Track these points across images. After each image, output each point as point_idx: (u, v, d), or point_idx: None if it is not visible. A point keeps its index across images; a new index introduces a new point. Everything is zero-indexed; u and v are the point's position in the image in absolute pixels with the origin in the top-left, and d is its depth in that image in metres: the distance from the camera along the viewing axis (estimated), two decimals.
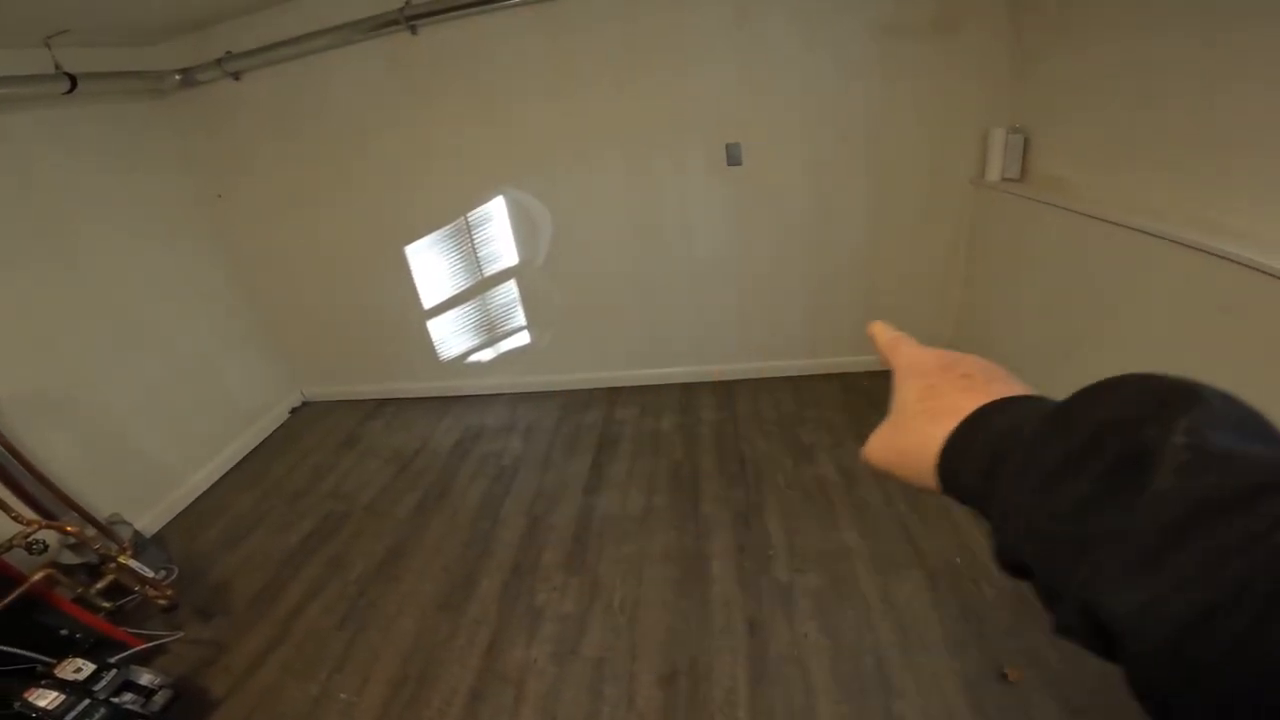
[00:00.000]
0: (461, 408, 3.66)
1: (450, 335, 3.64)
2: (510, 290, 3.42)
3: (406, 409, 3.76)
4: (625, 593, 2.19)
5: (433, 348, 3.70)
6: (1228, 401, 0.26)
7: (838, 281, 3.19)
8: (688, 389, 3.45)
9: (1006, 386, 0.35)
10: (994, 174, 2.76)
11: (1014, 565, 0.30)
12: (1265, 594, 0.19)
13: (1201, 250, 1.72)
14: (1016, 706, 1.67)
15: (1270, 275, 1.52)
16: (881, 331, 0.48)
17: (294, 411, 3.93)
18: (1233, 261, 1.62)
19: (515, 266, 3.35)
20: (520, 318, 3.50)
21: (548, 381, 3.65)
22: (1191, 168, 1.89)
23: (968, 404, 0.34)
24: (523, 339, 3.57)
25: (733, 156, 2.93)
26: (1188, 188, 1.91)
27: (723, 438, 2.99)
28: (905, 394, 0.40)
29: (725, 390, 3.39)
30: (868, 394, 3.19)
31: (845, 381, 3.33)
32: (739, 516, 2.48)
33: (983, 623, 1.92)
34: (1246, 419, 0.25)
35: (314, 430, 3.69)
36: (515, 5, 2.69)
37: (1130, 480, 0.24)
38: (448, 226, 3.29)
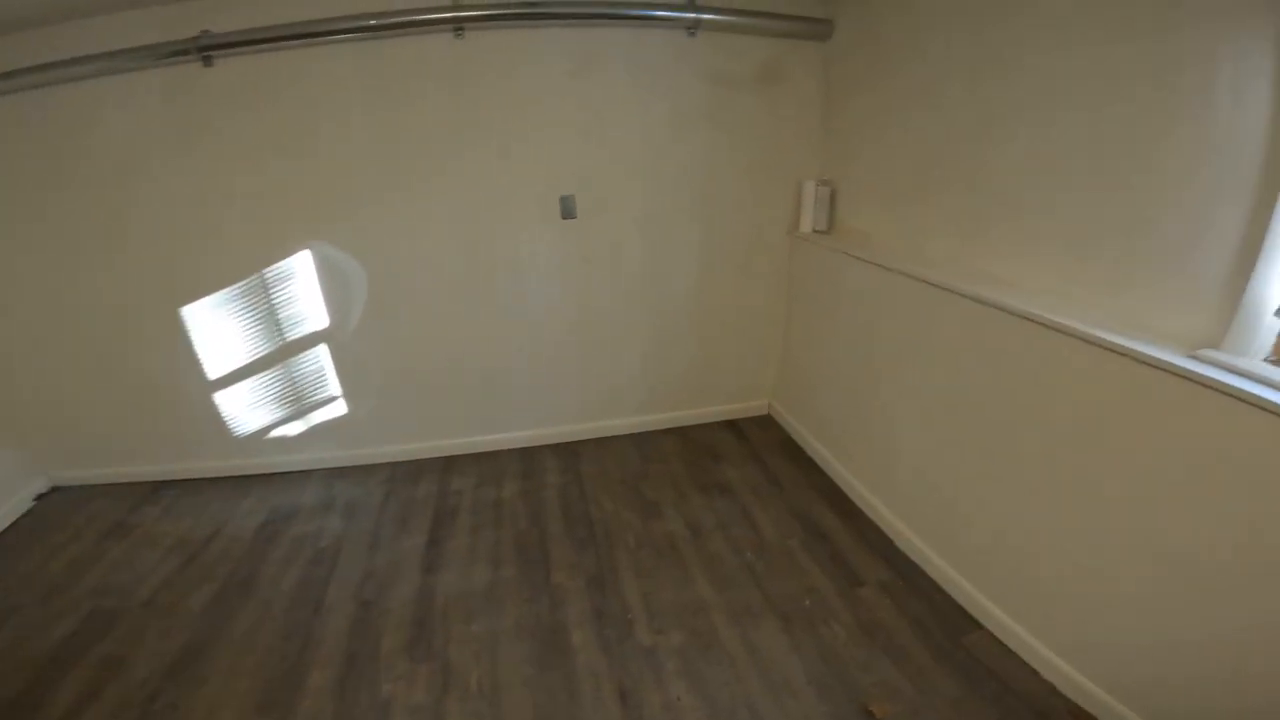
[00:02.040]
0: (266, 487, 3.22)
1: (247, 408, 3.21)
2: (319, 356, 3.11)
3: (194, 491, 3.23)
4: (481, 674, 2.03)
5: (224, 421, 3.22)
6: None
7: (672, 335, 3.31)
8: (528, 453, 3.35)
9: None
10: (806, 225, 3.07)
11: None
12: None
13: (975, 300, 2.02)
14: None
15: (1030, 320, 1.83)
16: None
17: (40, 499, 3.21)
18: (998, 308, 1.94)
19: (325, 330, 3.05)
20: (334, 386, 3.19)
21: (370, 454, 3.34)
22: (968, 223, 2.24)
23: None
24: (338, 409, 3.25)
25: (567, 209, 2.96)
26: (966, 240, 2.26)
27: (569, 501, 2.92)
28: None
29: (568, 451, 3.34)
30: (706, 446, 3.32)
31: (684, 435, 3.44)
32: (593, 582, 2.41)
33: (841, 661, 2.02)
34: None
35: (69, 519, 3.03)
36: (334, 41, 2.52)
37: None
38: (239, 284, 2.91)
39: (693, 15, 2.65)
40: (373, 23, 2.46)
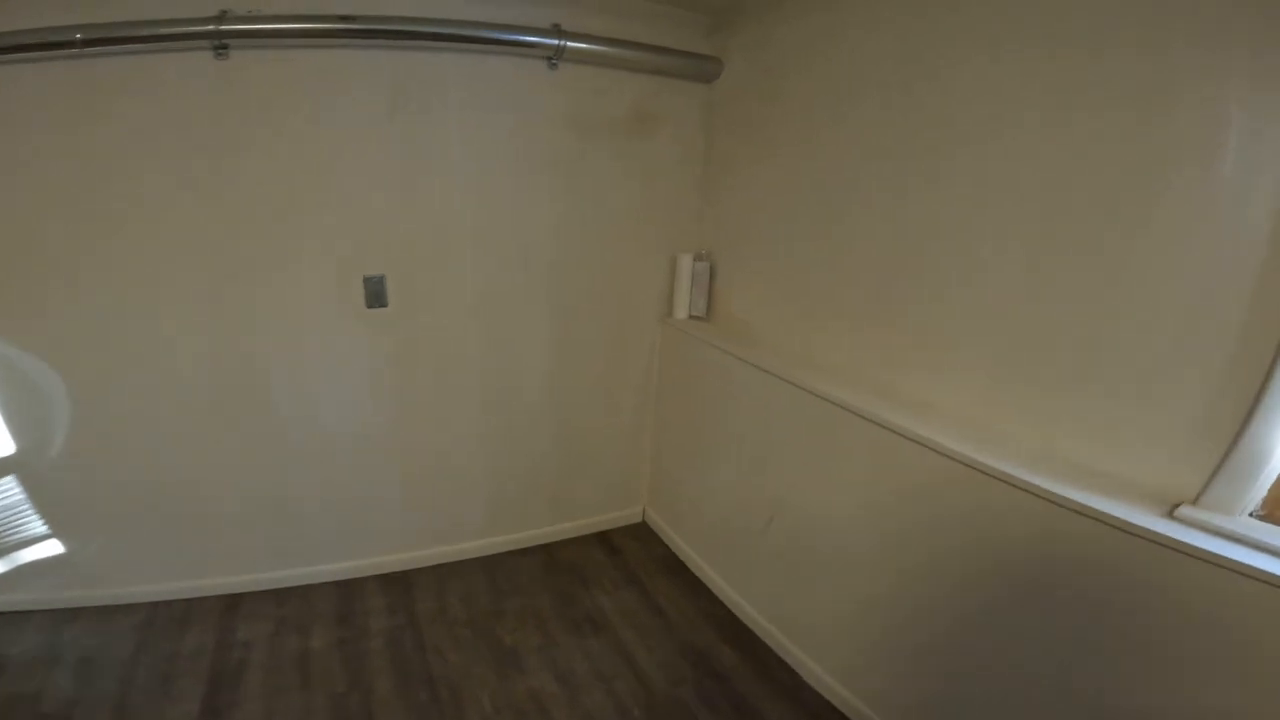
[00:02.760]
0: None
1: None
2: (9, 489, 2.19)
3: None
4: None
5: None
6: None
7: (524, 438, 2.72)
8: (347, 588, 2.59)
9: None
10: (681, 310, 2.66)
11: None
12: None
13: (887, 428, 1.72)
14: None
15: (957, 461, 1.54)
16: None
17: None
18: (915, 441, 1.65)
19: (12, 458, 2.15)
20: (38, 524, 2.27)
21: (116, 594, 2.43)
22: (875, 323, 1.95)
23: None
24: (53, 547, 2.33)
25: (375, 294, 2.28)
26: (871, 343, 1.96)
27: (402, 652, 2.26)
28: None
29: (399, 585, 2.62)
30: (574, 569, 2.77)
31: (547, 555, 2.86)
32: None
33: None
34: None
35: None
36: (30, 58, 1.71)
37: None
38: None
39: (557, 42, 2.13)
40: (78, 37, 1.67)
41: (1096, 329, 1.40)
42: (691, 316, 2.66)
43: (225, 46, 1.84)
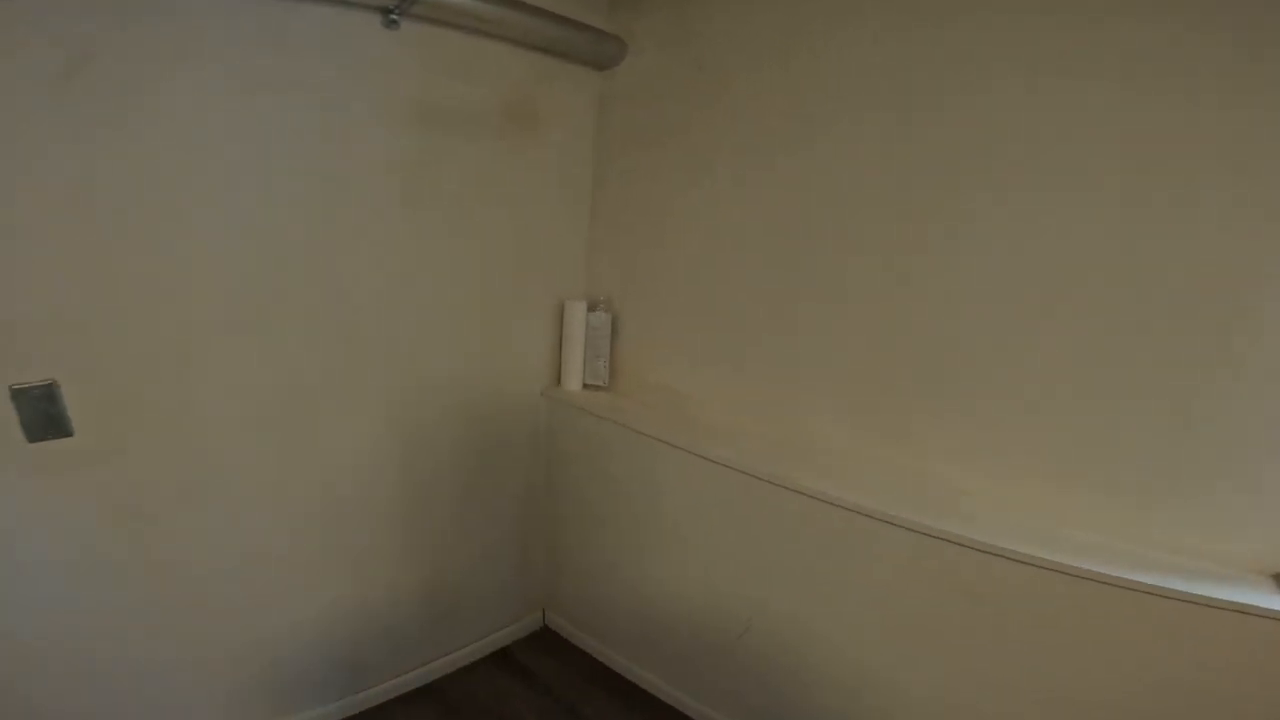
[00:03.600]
0: None
1: None
2: None
3: None
4: None
5: None
6: None
7: (368, 568, 1.78)
8: None
9: None
10: (573, 378, 1.97)
11: None
12: None
13: (931, 535, 1.32)
14: None
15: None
16: None
17: None
18: (981, 550, 1.28)
19: None
20: None
21: None
22: (869, 384, 1.55)
23: None
24: None
25: (41, 418, 1.19)
26: (866, 412, 1.57)
27: None
28: None
29: None
30: (482, 709, 1.90)
31: (439, 697, 1.93)
32: None
33: None
34: None
35: None
36: None
37: None
38: None
39: None
40: None
41: (1179, 371, 1.17)
42: (587, 385, 1.99)
43: None
